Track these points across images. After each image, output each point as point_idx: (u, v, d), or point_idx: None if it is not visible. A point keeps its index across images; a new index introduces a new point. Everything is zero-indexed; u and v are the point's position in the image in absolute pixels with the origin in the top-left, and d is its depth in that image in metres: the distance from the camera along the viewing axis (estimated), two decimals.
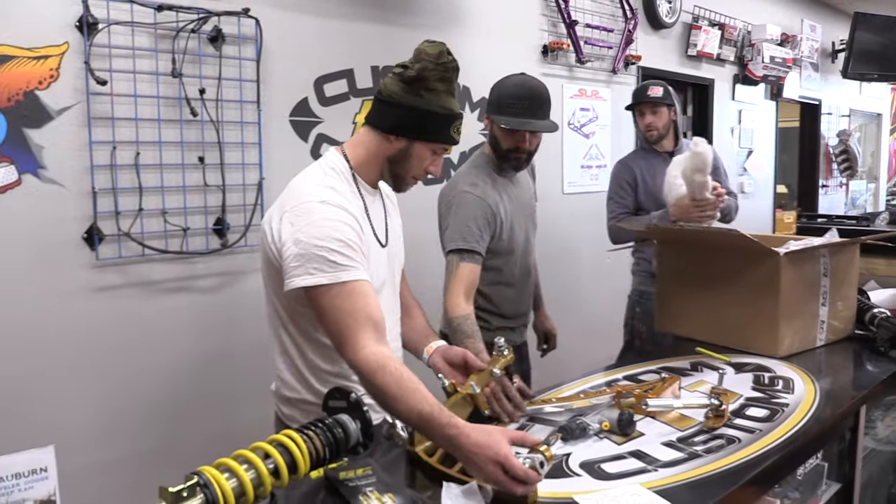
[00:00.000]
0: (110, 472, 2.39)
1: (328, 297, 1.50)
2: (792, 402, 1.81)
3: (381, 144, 1.67)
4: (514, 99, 2.23)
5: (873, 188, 8.08)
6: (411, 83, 1.61)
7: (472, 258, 2.20)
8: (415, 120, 1.63)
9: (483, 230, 2.23)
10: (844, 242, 2.34)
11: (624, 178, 3.20)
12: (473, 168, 2.37)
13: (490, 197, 2.27)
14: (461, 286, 2.16)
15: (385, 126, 1.66)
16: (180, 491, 1.06)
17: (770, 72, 5.50)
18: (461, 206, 2.24)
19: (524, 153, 2.31)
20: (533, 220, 2.54)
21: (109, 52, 2.34)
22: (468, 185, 2.28)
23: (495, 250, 2.32)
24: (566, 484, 1.35)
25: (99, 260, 2.36)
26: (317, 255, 1.50)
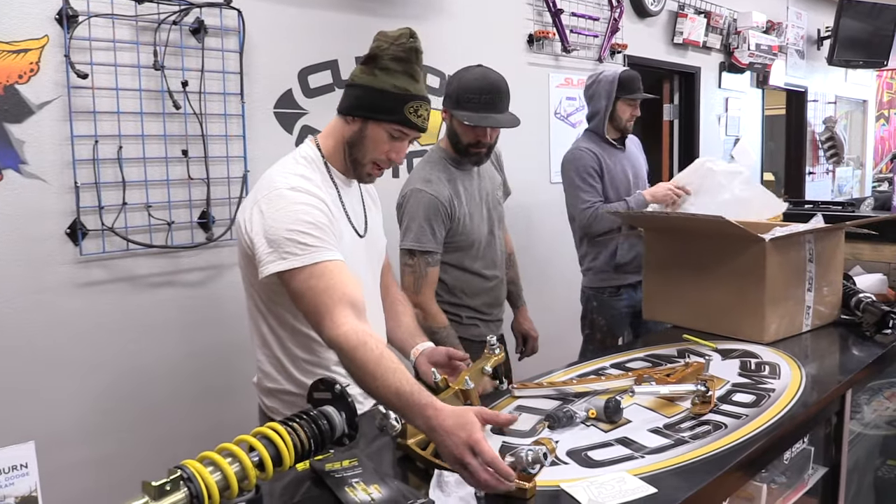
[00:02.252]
0: (95, 468, 2.37)
1: (302, 279, 1.49)
2: (778, 388, 1.81)
3: (343, 128, 1.67)
4: (475, 93, 2.19)
5: (860, 175, 8.12)
6: (367, 62, 1.60)
7: (435, 260, 2.26)
8: (367, 99, 1.60)
9: (438, 229, 2.25)
10: (830, 228, 2.35)
11: (590, 164, 3.07)
12: (428, 164, 2.36)
13: (443, 193, 2.26)
14: (432, 292, 2.27)
15: (342, 107, 1.67)
16: (163, 485, 1.05)
17: (756, 59, 5.50)
18: (417, 205, 2.24)
19: (484, 147, 2.29)
20: (498, 211, 2.51)
21: (90, 45, 2.32)
22: (422, 181, 2.27)
23: (455, 244, 2.33)
24: (553, 472, 1.35)
25: (83, 255, 2.34)
26: (287, 240, 1.50)
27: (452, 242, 2.32)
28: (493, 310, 2.50)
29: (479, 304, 2.44)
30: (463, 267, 2.39)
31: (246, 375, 2.74)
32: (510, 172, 3.88)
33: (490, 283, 2.46)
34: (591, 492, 1.25)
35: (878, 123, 8.58)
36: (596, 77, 3.17)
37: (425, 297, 2.25)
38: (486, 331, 2.44)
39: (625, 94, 3.09)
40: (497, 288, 2.51)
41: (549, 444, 1.25)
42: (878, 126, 8.61)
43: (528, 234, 3.96)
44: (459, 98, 2.22)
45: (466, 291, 2.41)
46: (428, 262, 2.24)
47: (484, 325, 2.46)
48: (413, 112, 1.61)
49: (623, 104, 3.11)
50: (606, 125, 3.14)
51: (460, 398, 1.56)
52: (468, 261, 2.39)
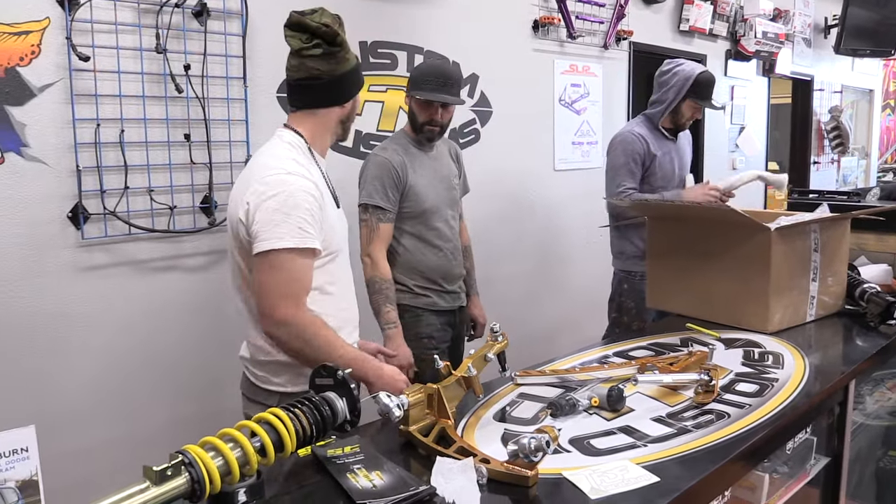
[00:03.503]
0: (96, 453, 2.38)
1: (288, 258, 1.66)
2: (781, 378, 1.80)
3: (332, 114, 1.86)
4: (430, 77, 2.52)
5: (865, 164, 8.08)
6: (336, 55, 1.78)
7: (386, 217, 2.50)
8: (354, 79, 1.86)
9: (390, 188, 2.49)
10: (835, 218, 2.33)
11: (637, 151, 3.08)
12: (390, 140, 2.66)
13: (395, 159, 2.52)
14: (383, 246, 2.51)
15: (338, 100, 1.85)
16: (164, 469, 1.05)
17: (762, 47, 5.46)
18: (370, 167, 2.53)
19: (437, 125, 2.57)
20: (453, 195, 2.70)
21: (92, 28, 2.30)
22: (379, 149, 2.61)
23: (409, 211, 2.55)
24: (555, 460, 1.34)
25: (84, 239, 2.34)
26: (285, 222, 1.66)
27: (405, 208, 2.54)
28: (445, 282, 2.66)
29: (431, 273, 2.61)
30: (416, 235, 2.58)
31: None
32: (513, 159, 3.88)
33: (442, 253, 2.63)
34: (594, 480, 1.24)
35: (884, 113, 8.53)
36: (675, 66, 3.18)
37: (375, 248, 2.48)
38: (439, 301, 2.64)
39: (695, 97, 3.10)
40: (450, 260, 2.66)
41: (551, 432, 1.25)
42: (885, 116, 8.56)
43: (531, 221, 3.95)
44: (417, 81, 2.54)
45: (419, 259, 2.60)
46: (379, 218, 2.48)
47: (436, 295, 2.64)
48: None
49: (690, 104, 3.13)
50: (666, 116, 3.17)
51: (462, 385, 1.55)
52: (421, 228, 2.59)
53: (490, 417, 1.59)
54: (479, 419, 1.58)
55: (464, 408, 1.62)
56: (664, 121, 3.17)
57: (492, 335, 1.69)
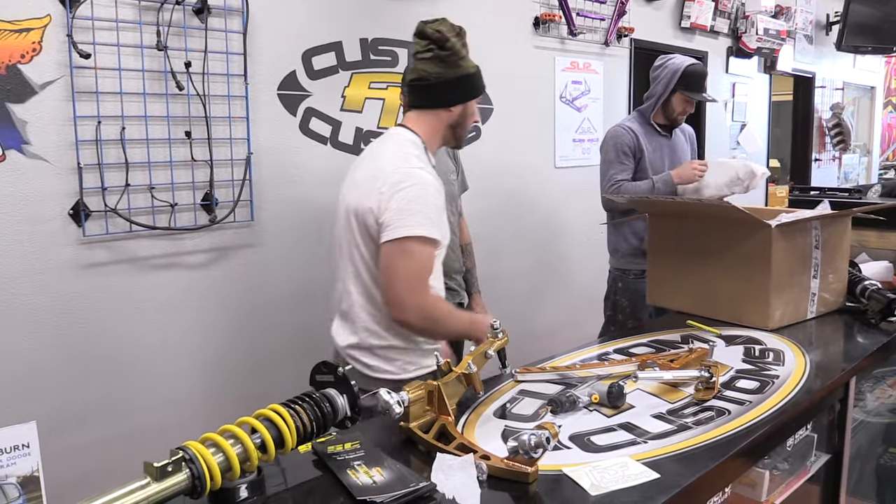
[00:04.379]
0: (97, 450, 2.38)
1: (419, 246, 1.81)
2: (782, 374, 1.80)
3: (441, 117, 1.97)
4: None
5: (866, 162, 8.07)
6: (448, 59, 1.90)
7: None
8: (465, 87, 1.96)
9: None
10: (836, 214, 2.33)
11: (627, 143, 3.11)
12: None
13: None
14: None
15: (443, 103, 1.95)
16: (165, 465, 1.05)
17: (764, 44, 5.45)
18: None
19: None
20: (450, 191, 2.53)
21: (93, 25, 2.30)
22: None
23: None
24: (556, 456, 1.34)
25: (86, 236, 2.34)
26: (419, 212, 1.81)
27: None
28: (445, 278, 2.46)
29: None
30: None
31: (249, 357, 2.75)
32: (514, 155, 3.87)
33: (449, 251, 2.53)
34: (594, 476, 1.24)
35: (885, 110, 8.52)
36: (665, 61, 3.19)
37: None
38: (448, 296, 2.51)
39: (683, 88, 3.09)
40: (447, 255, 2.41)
41: (551, 429, 1.25)
42: (886, 113, 8.54)
43: (532, 218, 3.95)
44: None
45: None
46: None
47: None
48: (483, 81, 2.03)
49: (679, 97, 3.13)
50: (656, 111, 3.18)
51: (463, 382, 1.56)
52: None
53: (490, 414, 1.59)
54: (480, 416, 1.58)
55: (464, 404, 1.62)
56: (656, 115, 3.18)
57: (492, 332, 1.69)
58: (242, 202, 2.66)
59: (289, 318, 2.85)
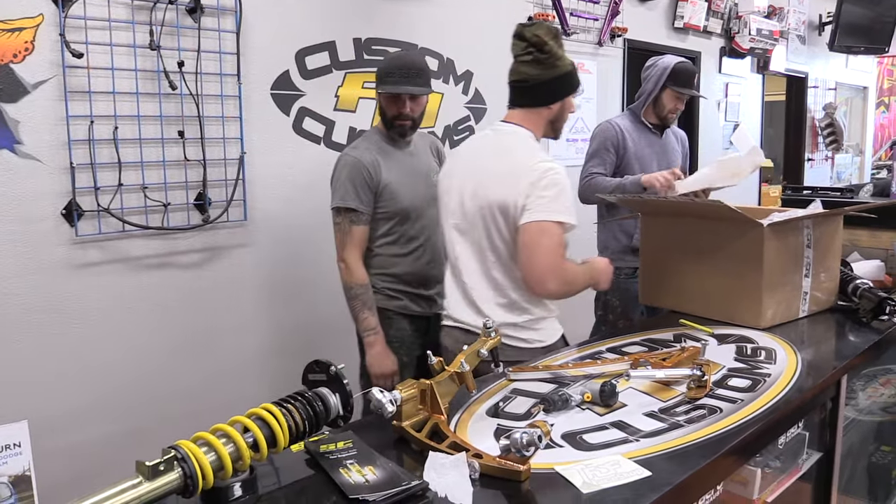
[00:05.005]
0: (90, 450, 2.38)
1: (557, 228, 1.99)
2: (774, 373, 1.81)
3: (542, 114, 2.13)
4: (394, 69, 2.42)
5: (859, 162, 8.10)
6: (546, 62, 2.05)
7: (360, 219, 2.40)
8: (562, 85, 2.11)
9: (361, 189, 2.39)
10: (828, 214, 2.34)
11: (610, 139, 3.13)
12: (362, 139, 2.55)
13: (366, 157, 2.41)
14: (357, 250, 2.42)
15: (543, 101, 2.11)
16: (157, 465, 1.05)
17: (757, 44, 5.47)
18: (340, 168, 2.43)
19: (407, 119, 2.45)
20: (432, 191, 2.40)
21: (85, 24, 2.30)
22: (350, 149, 2.49)
23: (385, 211, 2.45)
24: (548, 455, 1.34)
25: (78, 236, 2.34)
26: (557, 200, 1.99)
27: (381, 208, 2.44)
28: (420, 286, 2.53)
29: (402, 277, 2.51)
30: (393, 235, 2.48)
31: (242, 356, 2.75)
32: None
33: (420, 255, 2.52)
34: (586, 475, 1.25)
35: (878, 110, 8.55)
36: (655, 60, 3.22)
37: (348, 253, 2.40)
38: (412, 305, 2.53)
39: (673, 84, 3.12)
40: (427, 266, 2.54)
41: (543, 427, 1.25)
42: (879, 113, 8.58)
43: None
44: (382, 75, 2.44)
45: (394, 262, 2.50)
46: (352, 220, 2.39)
47: (408, 299, 2.52)
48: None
49: (669, 94, 3.15)
50: (646, 109, 3.21)
51: (456, 381, 1.56)
52: (399, 229, 2.48)
53: (483, 413, 1.59)
54: (473, 415, 1.58)
55: (457, 403, 1.62)
56: (647, 114, 3.21)
57: (485, 331, 1.69)
58: (236, 202, 2.66)
59: (283, 317, 2.85)
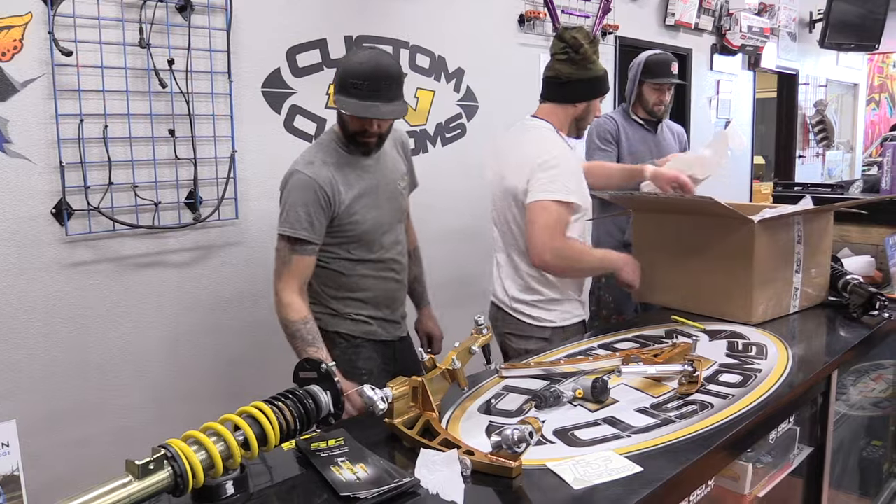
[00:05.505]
0: (80, 450, 2.37)
1: (555, 205, 2.15)
2: (765, 368, 1.82)
3: (568, 111, 2.31)
4: (359, 78, 1.95)
5: (850, 158, 8.13)
6: (579, 62, 2.22)
7: (305, 249, 2.04)
8: (591, 87, 2.29)
9: (316, 215, 2.03)
10: (818, 210, 2.35)
11: (609, 130, 3.18)
12: (317, 145, 2.18)
13: (323, 177, 2.05)
14: (296, 282, 2.05)
15: (571, 98, 2.29)
16: (147, 463, 1.05)
17: (748, 41, 5.48)
18: (293, 188, 2.05)
19: (373, 137, 2.08)
20: (399, 202, 2.26)
21: (74, 22, 2.28)
22: (304, 163, 2.08)
23: (344, 234, 2.12)
24: (539, 451, 1.35)
25: (68, 235, 2.32)
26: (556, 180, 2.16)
27: (340, 231, 2.11)
28: (386, 308, 2.26)
29: (370, 300, 2.21)
30: (354, 259, 2.16)
31: (232, 355, 2.74)
32: None
33: (387, 277, 2.23)
34: (577, 471, 1.25)
35: (868, 107, 8.58)
36: (636, 58, 3.28)
37: (284, 285, 2.04)
38: (380, 330, 2.25)
39: (647, 77, 3.16)
40: (394, 284, 2.27)
41: (535, 424, 1.25)
42: (869, 110, 8.61)
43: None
44: (344, 83, 1.98)
45: (358, 285, 2.19)
46: (295, 251, 2.03)
47: (377, 324, 2.24)
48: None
49: (649, 88, 3.20)
50: (634, 105, 3.27)
51: (447, 378, 1.56)
52: (360, 252, 2.16)
53: (475, 410, 1.59)
54: (465, 411, 1.58)
55: (449, 400, 1.63)
56: (636, 109, 3.29)
57: (476, 328, 1.69)
58: (227, 200, 2.65)
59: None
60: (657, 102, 3.22)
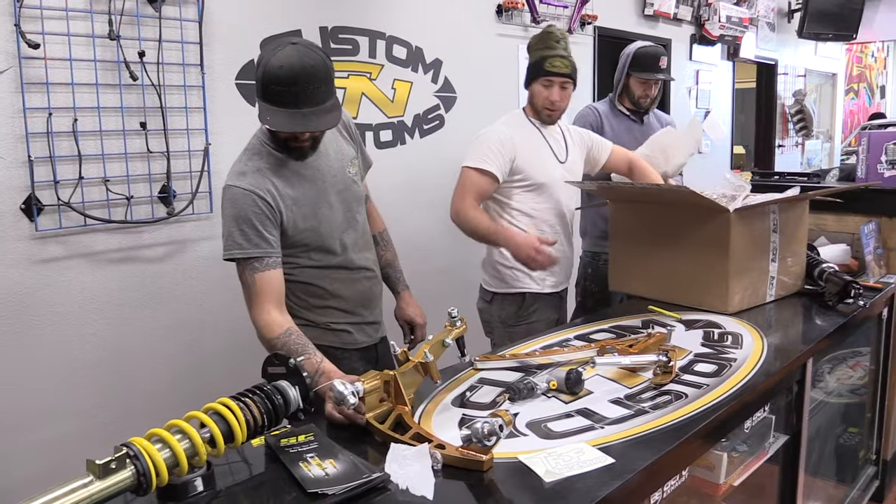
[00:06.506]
0: (54, 449, 2.33)
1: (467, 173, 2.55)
2: (740, 357, 1.82)
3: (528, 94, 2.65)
4: (281, 85, 1.72)
5: (829, 148, 8.18)
6: (529, 50, 2.62)
7: (265, 264, 1.83)
8: (529, 72, 2.62)
9: (263, 226, 1.83)
10: (793, 198, 2.35)
11: (592, 122, 3.16)
12: (246, 153, 1.96)
13: (260, 186, 1.84)
14: (267, 301, 1.83)
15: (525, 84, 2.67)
16: (108, 463, 1.03)
17: (727, 31, 5.49)
18: (228, 203, 1.86)
19: (306, 142, 1.89)
20: (354, 192, 2.06)
21: (41, 14, 2.23)
22: (235, 176, 1.88)
23: (302, 241, 1.94)
24: (512, 444, 1.34)
25: (38, 231, 2.29)
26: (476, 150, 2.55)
27: (295, 241, 1.93)
28: (364, 310, 2.09)
29: (346, 305, 2.05)
30: (318, 265, 1.99)
31: (209, 351, 2.72)
32: None
33: (354, 279, 2.05)
34: (549, 463, 1.24)
35: (847, 97, 8.64)
36: (627, 47, 3.26)
37: (256, 311, 1.83)
38: (361, 337, 2.08)
39: (634, 70, 3.15)
40: (367, 282, 2.10)
41: (505, 417, 1.24)
42: (848, 100, 8.67)
43: None
44: (266, 89, 1.75)
45: (329, 293, 2.01)
46: (256, 269, 1.83)
47: (356, 330, 2.07)
48: (549, 65, 2.53)
49: (635, 80, 3.19)
50: (621, 96, 3.26)
51: (420, 371, 1.55)
52: (323, 258, 1.99)
53: (449, 403, 1.58)
54: (438, 405, 1.57)
55: (424, 393, 1.61)
56: (622, 100, 3.27)
57: (450, 320, 1.68)
58: (201, 194, 2.62)
59: None
60: (643, 95, 3.21)
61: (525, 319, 2.59)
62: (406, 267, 2.37)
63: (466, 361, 1.77)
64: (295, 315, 1.92)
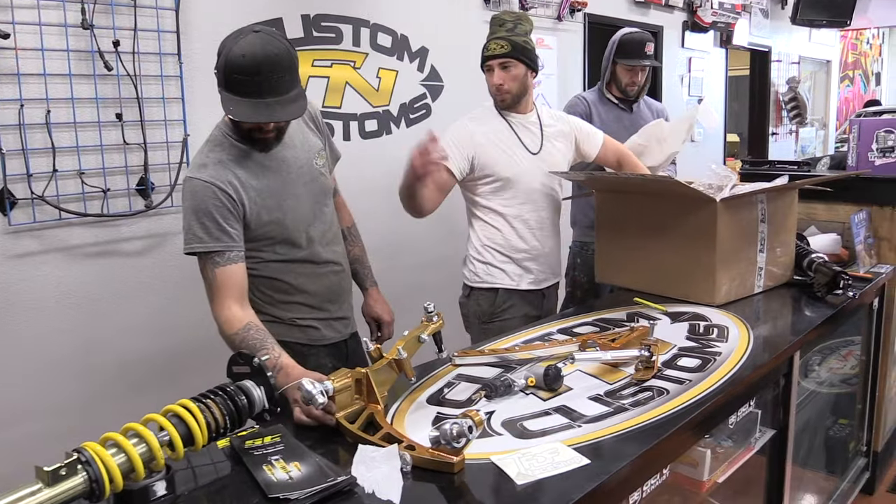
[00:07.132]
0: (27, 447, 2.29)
1: None
2: (725, 351, 1.78)
3: None
4: (243, 74, 1.68)
5: (823, 135, 8.14)
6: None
7: (227, 258, 1.76)
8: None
9: (224, 218, 1.76)
10: (782, 187, 2.31)
11: (580, 112, 3.09)
12: (208, 144, 1.89)
13: (221, 178, 1.78)
14: (228, 297, 1.75)
15: None
16: (57, 469, 0.99)
17: (719, 18, 5.44)
18: (188, 195, 1.79)
19: (271, 133, 1.82)
20: (321, 183, 1.99)
21: (11, 3, 2.18)
22: (196, 167, 1.82)
23: (266, 234, 1.87)
24: (485, 444, 1.30)
25: (11, 225, 2.24)
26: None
27: (259, 234, 1.86)
28: (331, 305, 2.03)
29: (312, 300, 1.98)
30: (283, 259, 1.92)
31: (191, 346, 2.67)
32: None
33: (320, 273, 1.99)
34: (522, 464, 1.20)
35: (842, 84, 8.59)
36: (614, 35, 3.21)
37: (217, 307, 1.76)
38: (329, 333, 2.02)
39: (619, 58, 3.10)
40: (335, 276, 2.04)
41: (475, 417, 1.20)
42: (843, 87, 8.62)
43: None
44: (228, 78, 1.72)
45: (294, 287, 1.95)
46: (217, 264, 1.75)
47: (323, 326, 2.01)
48: (485, 50, 2.51)
49: (621, 68, 3.14)
50: (609, 84, 3.22)
51: (394, 368, 1.51)
52: (288, 251, 1.92)
53: (424, 401, 1.54)
54: (413, 403, 1.53)
55: (400, 391, 1.57)
56: (610, 88, 3.23)
57: (426, 315, 1.64)
58: (180, 186, 2.55)
59: None
60: (630, 83, 3.16)
61: (499, 316, 2.44)
62: (393, 259, 2.34)
63: (444, 357, 1.73)
64: (259, 311, 1.85)
